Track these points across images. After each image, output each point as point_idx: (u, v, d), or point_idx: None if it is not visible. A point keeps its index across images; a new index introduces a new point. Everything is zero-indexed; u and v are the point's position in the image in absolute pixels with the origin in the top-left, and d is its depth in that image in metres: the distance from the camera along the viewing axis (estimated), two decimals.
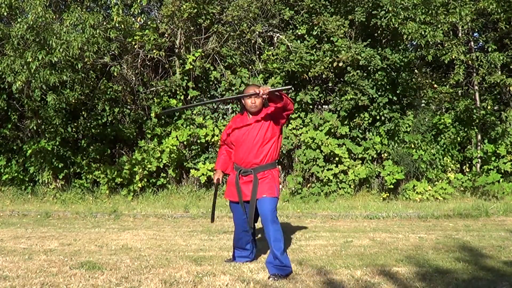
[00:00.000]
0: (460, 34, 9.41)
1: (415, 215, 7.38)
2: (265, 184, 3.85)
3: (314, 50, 8.88)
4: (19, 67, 7.25)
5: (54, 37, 7.27)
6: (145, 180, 8.79)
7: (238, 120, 4.04)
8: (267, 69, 8.98)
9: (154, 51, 8.78)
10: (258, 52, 9.23)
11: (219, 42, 9.10)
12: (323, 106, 9.64)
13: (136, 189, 8.65)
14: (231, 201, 4.07)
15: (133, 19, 8.72)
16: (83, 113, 9.10)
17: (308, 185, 9.04)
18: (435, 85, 9.53)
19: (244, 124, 3.94)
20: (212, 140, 8.87)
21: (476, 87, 9.46)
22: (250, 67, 9.18)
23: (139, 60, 9.03)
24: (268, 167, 3.90)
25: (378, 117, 8.95)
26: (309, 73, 8.75)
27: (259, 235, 4.98)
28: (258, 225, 4.20)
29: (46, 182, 8.68)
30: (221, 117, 9.33)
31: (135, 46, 8.84)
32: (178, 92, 9.01)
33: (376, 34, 9.28)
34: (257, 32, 8.95)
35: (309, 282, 3.65)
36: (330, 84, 9.28)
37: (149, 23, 9.12)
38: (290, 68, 8.68)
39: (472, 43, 9.70)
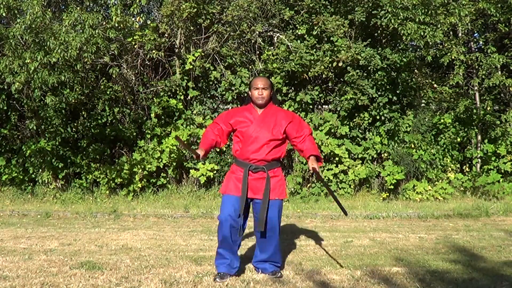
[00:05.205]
0: (460, 34, 9.42)
1: (415, 215, 7.38)
2: (277, 184, 3.73)
3: (314, 50, 8.87)
4: (17, 67, 7.25)
5: (52, 37, 7.26)
6: (145, 180, 8.79)
7: (245, 113, 3.80)
8: (267, 69, 8.97)
9: (154, 51, 8.78)
10: (258, 52, 9.22)
11: (219, 42, 9.09)
12: (323, 106, 9.63)
13: (136, 189, 8.65)
14: (229, 195, 3.71)
15: (133, 19, 8.72)
16: (83, 113, 9.09)
17: (308, 185, 9.04)
18: (435, 85, 9.53)
19: (255, 119, 3.75)
20: None
21: (476, 88, 9.47)
22: (250, 67, 9.18)
23: (139, 60, 9.03)
24: (277, 165, 3.79)
25: (378, 117, 8.95)
26: (309, 73, 8.74)
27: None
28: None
29: (46, 182, 8.67)
30: None
31: (135, 46, 8.83)
32: (178, 92, 9.01)
33: (376, 34, 9.27)
34: (257, 32, 8.95)
35: (309, 282, 3.65)
36: (330, 84, 9.28)
37: (148, 23, 9.11)
38: (290, 68, 8.68)
39: (472, 43, 9.72)
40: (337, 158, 8.82)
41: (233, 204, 3.67)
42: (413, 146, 9.02)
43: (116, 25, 7.86)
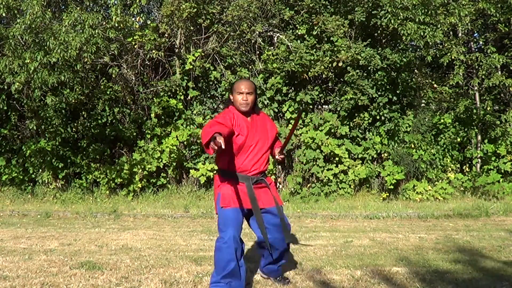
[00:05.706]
0: (460, 34, 9.42)
1: (415, 215, 7.38)
2: (274, 191, 3.51)
3: (314, 50, 8.87)
4: (17, 67, 7.25)
5: (52, 37, 7.26)
6: (145, 180, 8.79)
7: (238, 121, 3.37)
8: (267, 69, 8.98)
9: (154, 51, 8.78)
10: (258, 52, 9.22)
11: (219, 42, 9.09)
12: (323, 106, 9.63)
13: (136, 189, 8.65)
14: (229, 208, 3.32)
15: (133, 19, 8.72)
16: (83, 113, 9.09)
17: (308, 185, 9.04)
18: (435, 85, 9.53)
19: (248, 128, 3.39)
20: None
21: (476, 88, 9.47)
22: (250, 67, 9.18)
23: (139, 60, 9.03)
24: (266, 174, 3.59)
25: (378, 117, 8.95)
26: (309, 73, 8.74)
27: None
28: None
29: (46, 182, 8.68)
30: None
31: (135, 46, 8.83)
32: (178, 92, 9.01)
33: (376, 34, 9.27)
34: (257, 32, 8.95)
35: (309, 282, 3.65)
36: (330, 84, 9.28)
37: (148, 23, 9.11)
38: (290, 68, 8.68)
39: (472, 43, 9.71)
40: (337, 158, 8.82)
41: (235, 218, 3.30)
42: (413, 146, 9.02)
43: (116, 25, 7.86)
